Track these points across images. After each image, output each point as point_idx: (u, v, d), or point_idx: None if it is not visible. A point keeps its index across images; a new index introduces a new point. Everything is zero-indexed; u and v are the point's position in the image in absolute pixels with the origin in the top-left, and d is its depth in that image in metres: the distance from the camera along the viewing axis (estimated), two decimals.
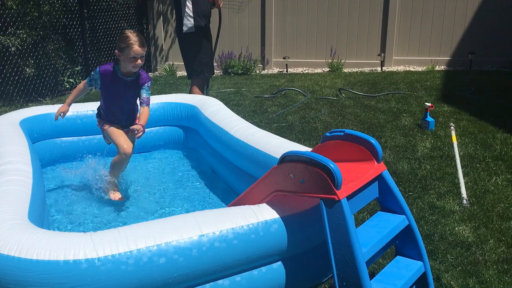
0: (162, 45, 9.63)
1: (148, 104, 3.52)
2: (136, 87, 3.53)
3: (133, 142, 3.65)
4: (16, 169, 2.99)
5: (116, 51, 3.38)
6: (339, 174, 2.18)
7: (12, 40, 6.53)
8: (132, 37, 3.30)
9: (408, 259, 2.50)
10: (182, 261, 2.18)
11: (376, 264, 2.82)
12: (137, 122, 3.59)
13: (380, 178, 2.49)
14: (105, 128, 3.63)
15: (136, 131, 3.32)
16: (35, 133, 4.17)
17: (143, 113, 3.48)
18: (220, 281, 2.34)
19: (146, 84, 3.54)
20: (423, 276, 2.48)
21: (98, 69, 3.45)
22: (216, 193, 3.82)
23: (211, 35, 5.51)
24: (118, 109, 3.59)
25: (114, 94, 3.52)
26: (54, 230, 3.21)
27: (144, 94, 3.53)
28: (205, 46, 5.34)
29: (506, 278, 2.66)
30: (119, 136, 3.55)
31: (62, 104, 3.77)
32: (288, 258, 2.50)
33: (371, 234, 2.33)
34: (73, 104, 4.53)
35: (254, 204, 2.54)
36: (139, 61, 3.36)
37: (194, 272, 2.22)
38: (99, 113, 3.74)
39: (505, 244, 3.00)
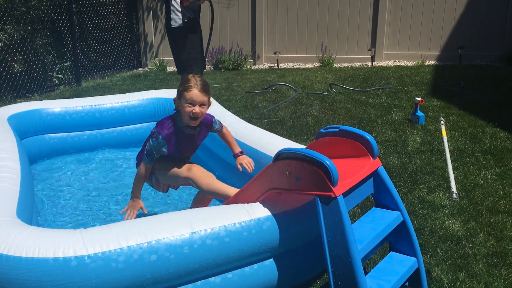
0: (152, 41, 9.57)
1: (222, 127, 3.12)
2: (203, 135, 3.04)
3: None
4: (4, 166, 2.95)
5: (174, 98, 2.88)
6: (335, 171, 2.16)
7: (0, 35, 6.44)
8: (193, 80, 2.79)
9: (402, 255, 2.51)
10: (173, 259, 2.17)
11: (370, 259, 2.83)
12: (237, 153, 3.10)
13: (375, 174, 2.49)
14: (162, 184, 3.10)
15: (246, 165, 3.01)
16: (23, 130, 4.12)
17: (228, 138, 3.13)
18: (211, 278, 2.33)
19: (212, 125, 3.04)
20: (417, 272, 2.49)
21: (160, 134, 2.81)
22: None
23: (200, 30, 5.47)
24: (182, 159, 3.02)
25: (179, 154, 2.97)
26: (43, 227, 3.17)
27: (216, 128, 3.07)
28: (194, 41, 5.30)
29: (496, 271, 2.69)
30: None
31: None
32: (280, 255, 2.50)
33: (366, 231, 2.33)
34: (62, 100, 4.51)
35: (249, 202, 2.52)
36: (198, 109, 2.78)
37: (185, 269, 2.21)
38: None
39: (494, 238, 3.02)
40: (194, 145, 3.03)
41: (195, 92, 2.76)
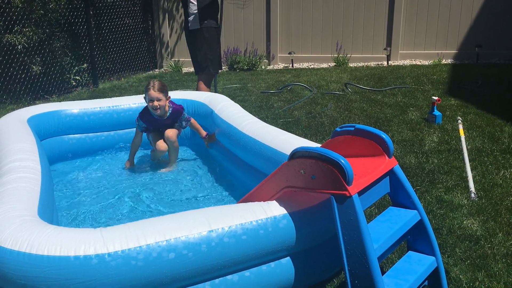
0: (167, 42, 9.64)
1: (190, 123, 4.30)
2: (173, 120, 4.20)
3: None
4: (24, 166, 3.00)
5: (143, 97, 4.08)
6: (350, 169, 2.16)
7: (19, 38, 6.56)
8: (151, 82, 3.96)
9: (420, 254, 2.49)
10: (191, 256, 2.19)
11: (387, 259, 2.82)
12: (204, 136, 4.41)
13: (391, 173, 2.48)
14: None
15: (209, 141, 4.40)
16: (42, 131, 4.19)
17: (195, 126, 4.36)
18: (229, 277, 2.35)
19: (182, 113, 4.20)
20: (436, 271, 2.47)
21: (138, 116, 4.15)
22: (225, 189, 3.83)
23: (219, 32, 5.53)
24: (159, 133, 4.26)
25: (156, 129, 4.25)
26: (63, 226, 3.22)
27: (183, 124, 4.25)
28: (211, 42, 5.35)
29: None
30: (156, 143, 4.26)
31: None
32: (296, 253, 2.51)
33: (382, 230, 2.32)
34: (80, 102, 4.58)
35: (264, 200, 2.54)
36: (156, 103, 3.95)
37: (203, 267, 2.23)
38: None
39: None
40: (164, 125, 4.18)
41: (151, 92, 3.94)
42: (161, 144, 4.18)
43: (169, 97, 4.09)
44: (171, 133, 4.15)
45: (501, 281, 2.58)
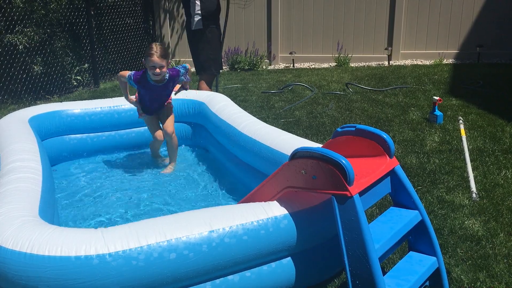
0: (168, 42, 9.64)
1: (187, 72, 4.10)
2: (169, 86, 4.00)
3: (169, 123, 4.17)
4: (26, 167, 3.01)
5: (143, 60, 3.85)
6: (351, 170, 2.16)
7: (20, 38, 6.56)
8: (154, 47, 3.71)
9: (421, 255, 2.49)
10: (192, 257, 2.19)
11: (388, 259, 2.82)
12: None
13: (392, 173, 2.48)
14: (141, 116, 4.19)
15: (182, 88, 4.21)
16: (44, 131, 4.20)
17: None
18: (230, 277, 2.35)
19: (179, 77, 4.00)
20: (437, 272, 2.47)
21: (132, 76, 3.86)
22: (225, 189, 3.83)
23: (220, 32, 5.53)
24: (151, 105, 4.09)
25: (148, 97, 4.00)
26: (64, 226, 3.23)
27: (180, 78, 4.04)
28: (213, 42, 5.36)
29: None
30: (152, 128, 4.16)
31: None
32: (297, 254, 2.51)
33: (383, 230, 2.32)
34: (81, 102, 4.58)
35: (265, 201, 2.53)
36: (158, 70, 3.74)
37: (204, 268, 2.23)
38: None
39: None
40: (158, 94, 3.99)
41: (155, 58, 3.69)
42: (159, 134, 4.12)
43: (170, 62, 3.95)
44: (170, 128, 4.12)
45: (502, 281, 2.58)
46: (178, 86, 4.19)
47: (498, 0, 8.65)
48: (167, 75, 3.90)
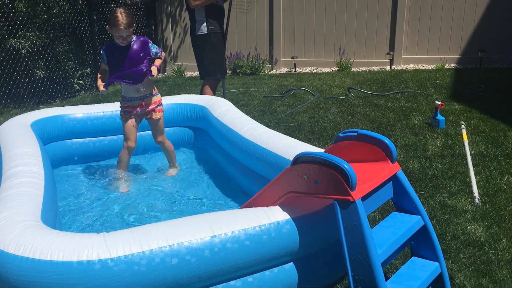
0: (171, 46, 9.66)
1: (161, 56, 3.96)
2: (139, 47, 3.82)
3: (160, 129, 4.09)
4: (28, 171, 3.01)
5: (107, 26, 3.76)
6: (354, 175, 2.16)
7: (22, 42, 6.58)
8: (120, 17, 3.62)
9: (424, 260, 2.48)
10: (194, 262, 2.18)
11: (390, 265, 2.81)
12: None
13: (394, 178, 2.47)
14: (121, 118, 3.99)
15: (151, 74, 3.84)
16: (46, 135, 4.20)
17: (157, 60, 3.95)
18: (232, 282, 2.34)
19: (149, 44, 3.86)
20: (440, 277, 2.46)
21: (103, 50, 3.87)
22: (227, 194, 3.83)
23: (224, 36, 5.54)
24: (123, 66, 3.82)
25: (118, 59, 3.82)
26: (66, 231, 3.23)
27: (153, 50, 3.88)
28: (218, 47, 5.37)
29: None
30: (129, 131, 3.93)
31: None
32: (300, 259, 2.50)
33: (386, 235, 2.31)
34: (83, 106, 4.59)
35: (267, 206, 2.53)
36: (124, 40, 3.72)
37: (206, 273, 2.23)
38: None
39: None
40: (130, 58, 3.80)
41: (121, 30, 3.63)
42: (132, 140, 3.92)
43: (134, 25, 3.85)
44: (160, 136, 4.10)
45: (505, 287, 2.57)
46: (155, 69, 3.91)
47: (500, 5, 8.66)
48: (134, 36, 3.83)
